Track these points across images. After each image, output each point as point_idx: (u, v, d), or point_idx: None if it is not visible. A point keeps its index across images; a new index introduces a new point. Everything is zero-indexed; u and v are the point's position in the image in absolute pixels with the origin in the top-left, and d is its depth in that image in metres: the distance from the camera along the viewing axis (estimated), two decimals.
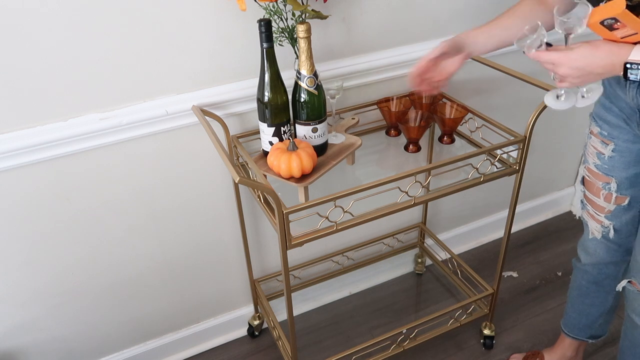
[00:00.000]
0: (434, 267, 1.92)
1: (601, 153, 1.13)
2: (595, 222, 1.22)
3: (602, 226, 1.20)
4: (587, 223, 1.25)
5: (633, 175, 1.12)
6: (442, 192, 1.16)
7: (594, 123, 1.15)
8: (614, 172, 1.13)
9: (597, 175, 1.16)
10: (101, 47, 1.09)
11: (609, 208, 1.17)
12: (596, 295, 1.33)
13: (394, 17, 1.37)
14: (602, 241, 1.24)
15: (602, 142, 1.13)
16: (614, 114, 1.09)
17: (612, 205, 1.16)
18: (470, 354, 1.60)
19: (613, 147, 1.11)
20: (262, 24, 1.04)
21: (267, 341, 1.67)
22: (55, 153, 1.15)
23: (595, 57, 0.88)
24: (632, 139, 1.08)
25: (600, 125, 1.13)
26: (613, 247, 1.23)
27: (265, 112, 1.12)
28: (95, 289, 1.38)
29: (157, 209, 1.34)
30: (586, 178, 1.20)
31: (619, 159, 1.11)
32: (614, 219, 1.18)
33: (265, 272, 1.63)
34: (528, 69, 1.25)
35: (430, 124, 1.34)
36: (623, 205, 1.15)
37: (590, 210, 1.22)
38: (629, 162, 1.11)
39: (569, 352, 1.47)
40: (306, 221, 1.04)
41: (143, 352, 1.55)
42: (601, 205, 1.18)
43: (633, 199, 1.14)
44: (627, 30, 0.83)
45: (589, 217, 1.23)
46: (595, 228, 1.22)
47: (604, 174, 1.14)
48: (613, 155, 1.11)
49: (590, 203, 1.21)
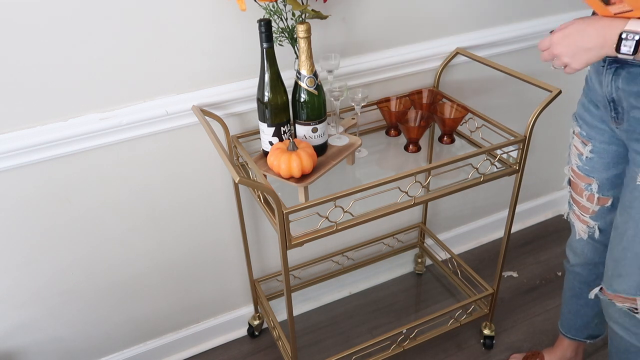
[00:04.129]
0: (434, 267, 1.92)
1: (581, 153, 1.15)
2: (581, 222, 1.23)
3: (587, 227, 1.21)
4: (573, 224, 1.26)
5: (613, 176, 1.12)
6: (442, 192, 1.16)
7: (575, 123, 1.17)
8: (594, 173, 1.14)
9: (579, 176, 1.18)
10: (101, 47, 1.09)
11: (593, 209, 1.18)
12: (588, 296, 1.33)
13: (394, 18, 1.37)
14: (589, 242, 1.25)
15: (582, 142, 1.14)
16: (592, 114, 1.10)
17: (595, 206, 1.17)
18: (470, 354, 1.60)
19: (591, 147, 1.12)
20: (262, 24, 1.04)
21: (267, 341, 1.67)
22: (55, 153, 1.14)
23: (587, 31, 0.88)
24: (607, 139, 1.09)
25: (580, 125, 1.14)
26: (599, 247, 1.24)
27: (265, 112, 1.12)
28: (95, 289, 1.38)
29: (157, 209, 1.34)
30: (571, 179, 1.21)
31: (598, 160, 1.12)
32: (598, 219, 1.19)
33: (265, 272, 1.63)
34: (528, 69, 1.25)
35: (430, 124, 1.34)
36: (606, 206, 1.16)
37: (576, 210, 1.23)
38: (608, 163, 1.11)
39: (569, 352, 1.47)
40: (306, 221, 1.04)
41: (143, 352, 1.55)
42: (585, 205, 1.19)
43: (616, 200, 1.14)
44: (624, 6, 0.83)
45: (575, 217, 1.24)
46: (581, 229, 1.23)
47: (585, 175, 1.16)
48: (592, 156, 1.13)
49: (576, 204, 1.22)
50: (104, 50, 1.10)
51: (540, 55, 0.99)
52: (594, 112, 1.10)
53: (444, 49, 1.46)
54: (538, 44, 0.99)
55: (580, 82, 1.13)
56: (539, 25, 1.58)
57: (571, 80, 1.82)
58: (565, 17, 1.62)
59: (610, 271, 1.11)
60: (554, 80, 1.25)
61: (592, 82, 1.07)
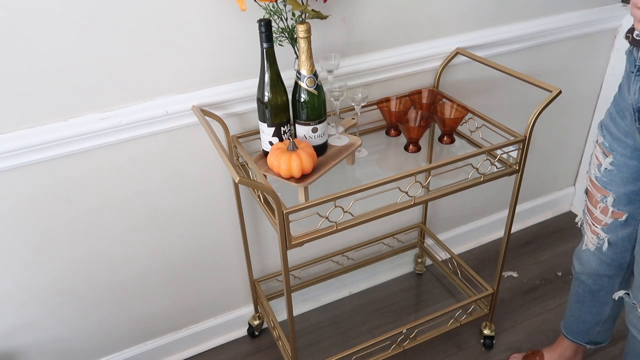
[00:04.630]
0: (434, 267, 1.92)
1: (600, 164, 1.13)
2: (591, 233, 1.21)
3: (597, 238, 1.19)
4: (584, 233, 1.25)
5: (631, 192, 1.11)
6: (442, 192, 1.16)
7: (599, 132, 1.14)
8: (611, 186, 1.12)
9: (596, 187, 1.16)
10: (101, 47, 1.09)
11: (606, 221, 1.16)
12: (592, 305, 1.32)
13: (394, 17, 1.37)
14: (595, 253, 1.23)
15: (603, 153, 1.12)
16: (618, 125, 1.08)
17: (609, 219, 1.15)
18: (470, 354, 1.60)
19: (611, 159, 1.10)
20: (262, 24, 1.04)
21: (267, 341, 1.67)
22: (55, 153, 1.15)
23: None
24: (629, 154, 1.07)
25: (604, 135, 1.12)
26: (606, 260, 1.22)
27: (265, 112, 1.12)
28: (95, 289, 1.38)
29: (157, 209, 1.34)
30: (588, 188, 1.20)
31: (617, 174, 1.10)
32: (610, 232, 1.17)
33: (265, 272, 1.63)
34: (528, 69, 1.25)
35: (430, 124, 1.34)
36: (620, 220, 1.14)
37: (589, 220, 1.21)
38: (627, 178, 1.09)
39: (568, 352, 1.47)
40: (306, 221, 1.04)
41: (143, 352, 1.55)
42: (598, 217, 1.17)
43: (631, 216, 1.13)
44: None
45: (587, 227, 1.23)
46: (590, 239, 1.22)
47: (602, 187, 1.14)
48: (612, 168, 1.10)
49: (590, 214, 1.20)
50: (104, 51, 1.10)
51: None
52: (620, 123, 1.07)
53: (444, 49, 1.46)
54: None
55: (580, 84, 1.13)
56: (539, 25, 1.58)
57: (571, 81, 1.82)
58: (565, 17, 1.62)
59: (637, 282, 1.10)
60: (554, 80, 1.25)
61: (623, 89, 1.04)
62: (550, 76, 1.47)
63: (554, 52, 1.69)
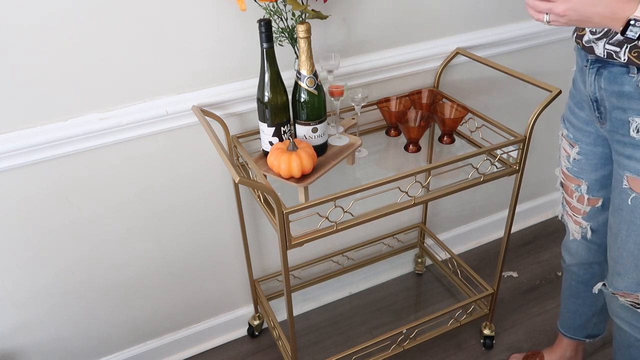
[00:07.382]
0: (434, 267, 1.92)
1: (569, 155, 1.16)
2: (574, 223, 1.24)
3: (580, 227, 1.23)
4: (567, 225, 1.28)
5: (602, 177, 1.14)
6: (442, 192, 1.17)
7: (562, 125, 1.18)
8: (582, 174, 1.15)
9: (568, 178, 1.19)
10: (101, 47, 1.09)
11: (584, 209, 1.19)
12: (586, 295, 1.34)
13: (394, 18, 1.37)
14: (582, 242, 1.26)
15: (569, 144, 1.16)
16: (578, 117, 1.12)
17: (586, 207, 1.19)
18: (470, 354, 1.60)
19: (578, 149, 1.13)
20: (262, 24, 1.04)
21: (267, 341, 1.67)
22: (55, 153, 1.15)
23: (599, 4, 0.83)
24: (593, 141, 1.11)
25: (567, 127, 1.16)
26: (593, 247, 1.25)
27: (265, 112, 1.12)
28: (95, 289, 1.38)
29: (157, 209, 1.34)
30: (562, 180, 1.22)
31: (586, 162, 1.14)
32: (590, 220, 1.20)
33: (265, 272, 1.63)
34: (528, 69, 1.25)
35: (430, 124, 1.34)
36: (597, 206, 1.17)
37: (569, 211, 1.24)
38: (595, 164, 1.13)
39: (568, 351, 1.47)
40: (306, 221, 1.04)
41: (143, 352, 1.55)
42: (576, 206, 1.21)
43: (606, 201, 1.15)
44: None
45: (568, 218, 1.26)
46: (574, 229, 1.25)
47: (574, 176, 1.17)
48: (579, 158, 1.14)
49: (568, 205, 1.23)
50: (104, 51, 1.10)
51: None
52: (579, 114, 1.11)
53: (444, 49, 1.46)
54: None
55: None
56: (539, 25, 1.58)
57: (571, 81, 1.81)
58: None
59: (610, 270, 1.13)
60: (554, 80, 1.25)
61: (578, 82, 1.08)
62: (550, 76, 1.47)
63: (554, 52, 1.69)
